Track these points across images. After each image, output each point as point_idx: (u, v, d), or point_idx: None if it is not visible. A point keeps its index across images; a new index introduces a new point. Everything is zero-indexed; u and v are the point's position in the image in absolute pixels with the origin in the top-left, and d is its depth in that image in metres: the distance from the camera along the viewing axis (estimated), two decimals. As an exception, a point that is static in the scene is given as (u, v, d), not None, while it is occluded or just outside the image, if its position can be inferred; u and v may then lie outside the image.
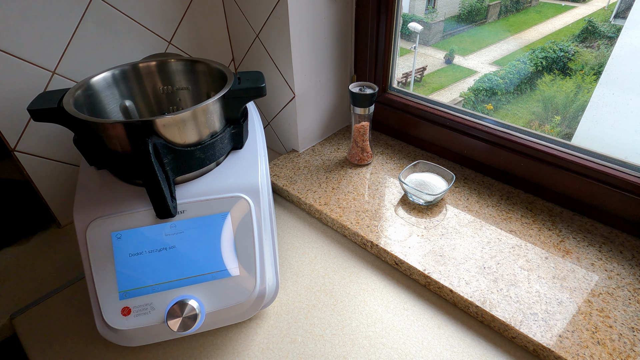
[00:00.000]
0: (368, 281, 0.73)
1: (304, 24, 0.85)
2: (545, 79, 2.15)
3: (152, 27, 0.85)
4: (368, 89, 0.87)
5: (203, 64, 0.68)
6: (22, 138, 0.75)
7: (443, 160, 0.97)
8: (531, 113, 2.21)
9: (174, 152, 0.54)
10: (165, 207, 0.54)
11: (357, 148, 0.94)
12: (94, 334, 0.66)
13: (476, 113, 0.90)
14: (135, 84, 0.69)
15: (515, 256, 0.72)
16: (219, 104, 0.58)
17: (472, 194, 0.86)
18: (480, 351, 0.62)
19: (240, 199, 0.59)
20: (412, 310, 0.68)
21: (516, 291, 0.66)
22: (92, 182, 0.61)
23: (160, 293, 0.57)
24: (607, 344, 0.58)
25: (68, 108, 0.54)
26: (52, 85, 0.76)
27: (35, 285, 0.76)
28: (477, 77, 2.85)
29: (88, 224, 0.56)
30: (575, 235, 0.76)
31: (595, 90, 1.36)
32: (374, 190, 0.88)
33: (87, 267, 0.56)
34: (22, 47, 0.70)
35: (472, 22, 3.06)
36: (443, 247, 0.74)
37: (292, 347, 0.64)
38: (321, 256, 0.79)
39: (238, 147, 0.66)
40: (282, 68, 0.91)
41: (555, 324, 0.61)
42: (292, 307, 0.70)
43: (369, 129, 0.91)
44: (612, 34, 1.80)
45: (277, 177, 0.94)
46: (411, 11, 3.04)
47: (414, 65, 3.24)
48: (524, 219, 0.79)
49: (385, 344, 0.63)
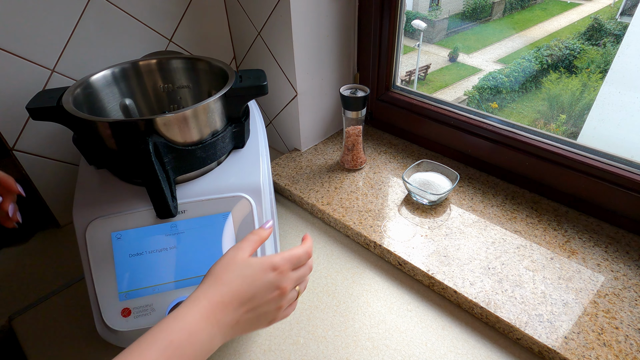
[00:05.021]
0: (371, 282, 0.73)
1: (307, 21, 0.85)
2: (550, 77, 2.14)
3: (153, 25, 0.85)
4: (360, 91, 0.85)
5: (204, 62, 0.68)
6: (20, 137, 0.75)
7: (447, 160, 0.96)
8: (536, 111, 2.20)
9: (175, 151, 0.54)
10: (166, 206, 0.54)
11: (349, 153, 0.93)
12: (94, 335, 0.65)
13: (481, 112, 0.89)
14: (135, 82, 0.68)
15: (520, 257, 0.71)
16: (220, 103, 0.58)
17: (477, 193, 0.85)
18: (484, 353, 0.61)
19: (242, 198, 0.59)
20: (416, 311, 0.67)
21: (521, 292, 0.65)
22: (91, 182, 0.61)
23: (160, 294, 0.56)
24: (614, 345, 0.58)
25: (67, 107, 0.54)
26: (51, 84, 0.75)
27: (34, 286, 0.76)
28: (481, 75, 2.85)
29: (88, 224, 0.56)
30: (581, 236, 0.75)
31: (601, 89, 1.35)
32: (377, 190, 0.87)
33: (86, 268, 0.56)
34: (21, 44, 0.70)
35: (476, 19, 3.05)
36: (447, 247, 0.73)
37: (294, 349, 0.63)
38: (324, 256, 0.78)
39: (239, 146, 0.65)
40: (284, 66, 0.90)
41: (561, 325, 0.60)
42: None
43: (362, 133, 0.90)
44: (619, 32, 1.79)
45: (279, 176, 0.93)
46: (415, 8, 3.04)
47: (418, 63, 3.24)
48: (529, 219, 0.79)
49: (388, 345, 0.63)
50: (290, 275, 0.48)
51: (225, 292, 0.44)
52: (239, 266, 0.46)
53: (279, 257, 0.47)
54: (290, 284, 0.48)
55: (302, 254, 0.49)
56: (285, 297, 0.48)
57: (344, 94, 0.84)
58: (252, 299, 0.45)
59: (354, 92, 0.85)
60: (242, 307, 0.44)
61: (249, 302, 0.45)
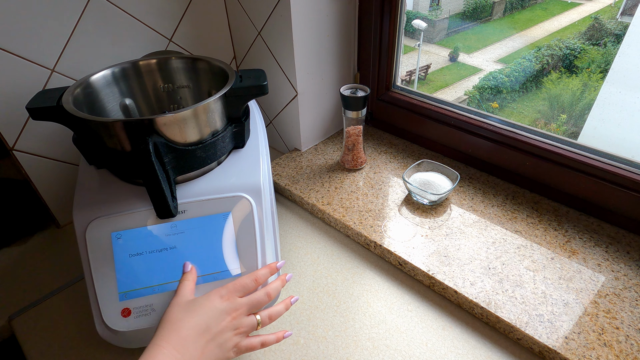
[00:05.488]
0: (371, 282, 0.73)
1: (307, 21, 0.84)
2: (551, 77, 2.14)
3: (153, 25, 0.85)
4: (360, 91, 0.85)
5: (204, 62, 0.68)
6: (20, 137, 0.75)
7: (447, 160, 0.96)
8: (537, 111, 2.20)
9: (175, 151, 0.54)
10: (166, 206, 0.54)
11: (349, 153, 0.93)
12: (94, 336, 0.65)
13: (481, 111, 0.89)
14: (135, 82, 0.68)
15: (521, 257, 0.71)
16: (221, 103, 0.58)
17: (477, 193, 0.85)
18: (485, 353, 0.61)
19: (242, 198, 0.59)
20: (416, 311, 0.67)
21: (522, 292, 0.65)
22: (91, 182, 0.61)
23: (161, 294, 0.56)
24: (614, 345, 0.58)
25: (67, 106, 0.54)
26: (51, 84, 0.75)
27: (33, 286, 0.75)
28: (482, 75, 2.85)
29: (88, 224, 0.56)
30: (582, 236, 0.75)
31: (601, 89, 1.35)
32: (378, 190, 0.87)
33: (86, 268, 0.56)
34: (21, 44, 0.70)
35: (477, 19, 3.05)
36: (447, 247, 0.73)
37: (295, 349, 0.63)
38: (324, 257, 0.78)
39: (239, 146, 0.65)
40: (285, 66, 0.90)
41: (561, 325, 0.60)
42: (294, 308, 0.69)
43: (362, 133, 0.90)
44: (619, 31, 1.79)
45: (279, 176, 0.93)
46: (415, 8, 3.04)
47: (418, 63, 3.23)
48: (529, 219, 0.78)
49: (388, 345, 0.63)
50: (238, 301, 0.52)
51: (182, 329, 0.48)
52: (187, 305, 0.50)
53: (223, 287, 0.52)
54: (241, 309, 0.52)
55: (247, 282, 0.54)
56: (240, 321, 0.51)
57: (344, 93, 0.84)
58: (207, 329, 0.49)
59: (354, 92, 0.85)
60: (202, 338, 0.48)
61: (207, 332, 0.48)
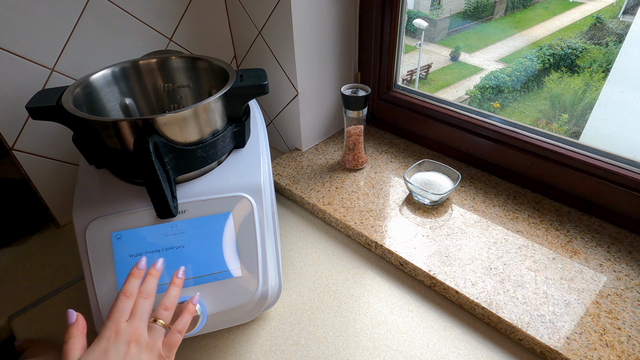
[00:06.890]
0: (372, 282, 0.72)
1: (307, 20, 0.84)
2: (552, 77, 2.14)
3: (153, 24, 0.85)
4: (361, 90, 0.85)
5: (204, 62, 0.68)
6: (20, 137, 0.75)
7: (449, 159, 0.95)
8: (538, 111, 2.20)
9: (175, 151, 0.54)
10: (166, 206, 0.53)
11: (350, 153, 0.93)
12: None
13: (482, 111, 0.89)
14: (135, 82, 0.68)
15: (522, 257, 0.71)
16: (221, 102, 0.57)
17: (478, 193, 0.85)
18: (486, 353, 0.61)
19: (242, 198, 0.59)
20: (417, 311, 0.67)
21: (523, 292, 0.65)
22: (91, 182, 0.60)
23: (160, 294, 0.56)
24: (616, 346, 0.57)
25: (67, 106, 0.53)
26: (50, 83, 0.75)
27: (33, 286, 0.75)
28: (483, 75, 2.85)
29: (87, 224, 0.55)
30: (583, 236, 0.74)
31: (603, 88, 1.35)
32: (379, 190, 0.87)
33: (86, 268, 0.56)
34: (20, 44, 0.69)
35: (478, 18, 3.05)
36: (449, 247, 0.73)
37: (295, 350, 0.63)
38: (325, 257, 0.78)
39: (240, 146, 0.65)
40: (285, 65, 0.90)
41: (563, 325, 0.60)
42: (295, 308, 0.69)
43: (363, 133, 0.89)
44: (621, 31, 1.79)
45: (279, 176, 0.93)
46: (416, 7, 3.03)
47: (419, 63, 3.23)
48: (531, 219, 0.78)
49: (389, 346, 0.62)
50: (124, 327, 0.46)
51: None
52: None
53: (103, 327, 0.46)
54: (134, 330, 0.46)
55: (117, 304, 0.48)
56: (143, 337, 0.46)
57: (345, 93, 0.84)
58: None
59: (355, 92, 0.85)
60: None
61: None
